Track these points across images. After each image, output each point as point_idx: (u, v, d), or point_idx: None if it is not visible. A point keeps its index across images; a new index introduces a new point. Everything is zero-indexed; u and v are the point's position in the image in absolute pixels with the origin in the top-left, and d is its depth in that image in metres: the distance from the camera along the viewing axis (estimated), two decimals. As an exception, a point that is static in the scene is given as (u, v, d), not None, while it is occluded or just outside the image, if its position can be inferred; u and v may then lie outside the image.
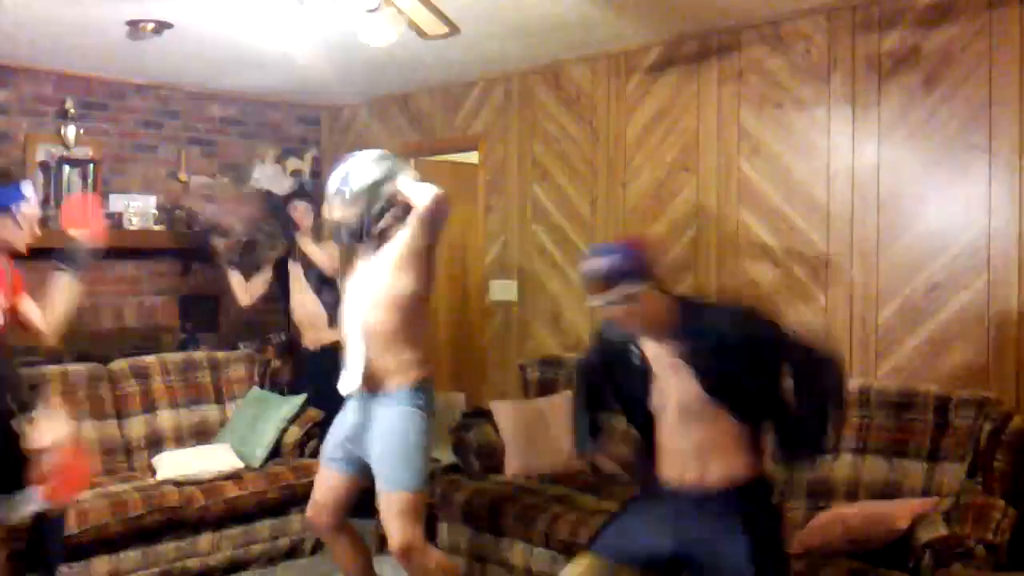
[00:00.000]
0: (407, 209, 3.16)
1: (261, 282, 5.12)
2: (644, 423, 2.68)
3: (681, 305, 2.56)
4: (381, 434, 3.18)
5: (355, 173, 3.18)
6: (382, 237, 3.21)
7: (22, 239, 3.11)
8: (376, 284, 3.19)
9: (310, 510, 3.45)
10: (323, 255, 4.99)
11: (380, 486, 3.19)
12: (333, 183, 3.23)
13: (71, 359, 4.73)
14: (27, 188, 3.13)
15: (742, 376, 2.49)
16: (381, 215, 3.17)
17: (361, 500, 5.50)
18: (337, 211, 3.22)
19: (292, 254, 5.10)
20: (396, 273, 3.15)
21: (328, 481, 3.37)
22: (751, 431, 2.55)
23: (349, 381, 3.20)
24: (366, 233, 3.19)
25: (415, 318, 3.22)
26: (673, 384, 2.55)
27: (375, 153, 3.28)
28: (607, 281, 2.46)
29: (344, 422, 3.33)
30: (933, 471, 3.39)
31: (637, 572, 2.59)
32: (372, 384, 3.21)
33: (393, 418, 3.17)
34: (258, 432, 4.73)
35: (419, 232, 3.10)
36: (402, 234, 3.15)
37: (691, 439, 2.54)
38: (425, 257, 3.17)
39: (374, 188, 3.16)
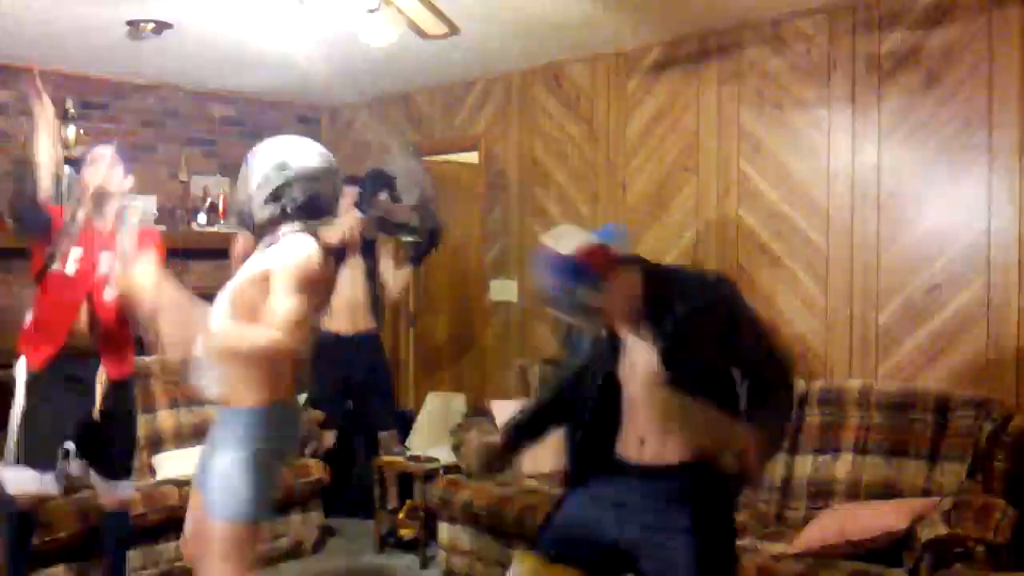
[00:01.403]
0: (306, 209, 2.69)
1: (405, 272, 5.06)
2: (607, 399, 2.52)
3: (649, 276, 2.46)
4: (213, 452, 2.69)
5: (262, 151, 2.71)
6: (269, 231, 2.71)
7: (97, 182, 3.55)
8: (233, 285, 2.69)
9: (182, 541, 2.93)
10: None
11: (205, 511, 2.69)
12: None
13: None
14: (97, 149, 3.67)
15: (698, 345, 2.40)
16: (263, 204, 2.66)
17: (359, 499, 5.47)
18: (234, 188, 2.81)
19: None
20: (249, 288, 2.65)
21: (197, 507, 2.81)
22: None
23: (208, 388, 2.69)
24: (249, 218, 2.72)
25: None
26: (639, 354, 2.45)
27: (299, 142, 2.79)
28: (564, 293, 2.46)
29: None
30: (933, 471, 3.39)
31: (582, 568, 2.50)
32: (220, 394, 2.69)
33: (227, 435, 2.68)
34: (258, 432, 4.73)
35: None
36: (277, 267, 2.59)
37: (651, 413, 2.44)
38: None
39: (271, 175, 2.65)
